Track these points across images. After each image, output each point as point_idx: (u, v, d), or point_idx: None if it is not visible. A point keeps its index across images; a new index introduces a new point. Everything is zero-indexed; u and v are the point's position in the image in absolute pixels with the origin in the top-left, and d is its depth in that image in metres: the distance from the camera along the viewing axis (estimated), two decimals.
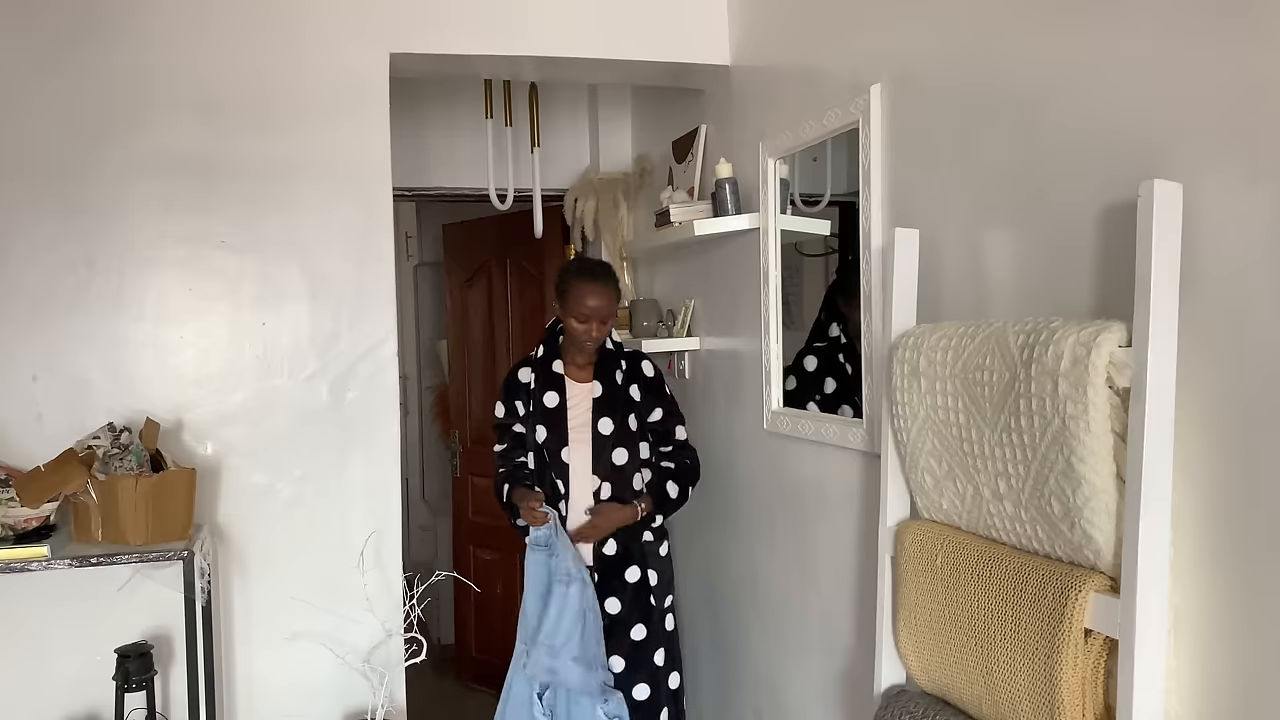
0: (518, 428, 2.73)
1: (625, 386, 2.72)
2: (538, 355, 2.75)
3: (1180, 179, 1.27)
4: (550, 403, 2.68)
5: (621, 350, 2.77)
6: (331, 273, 2.64)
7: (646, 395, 2.74)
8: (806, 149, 2.41)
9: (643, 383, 2.75)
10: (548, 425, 2.67)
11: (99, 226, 2.50)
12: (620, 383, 2.71)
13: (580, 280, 2.63)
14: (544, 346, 2.76)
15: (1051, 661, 1.37)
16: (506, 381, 2.77)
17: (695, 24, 2.81)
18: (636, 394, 2.73)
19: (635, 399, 2.72)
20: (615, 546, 2.66)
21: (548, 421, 2.67)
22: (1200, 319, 1.27)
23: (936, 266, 1.85)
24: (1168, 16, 1.33)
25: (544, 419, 2.67)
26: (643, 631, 2.67)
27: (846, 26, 2.20)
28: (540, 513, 2.55)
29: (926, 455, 1.71)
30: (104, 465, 2.27)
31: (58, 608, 2.46)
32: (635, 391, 2.73)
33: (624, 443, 2.68)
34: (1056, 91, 1.55)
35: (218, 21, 2.54)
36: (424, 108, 3.67)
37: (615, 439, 2.67)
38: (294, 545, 2.63)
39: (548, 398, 2.68)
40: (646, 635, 2.67)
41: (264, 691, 2.64)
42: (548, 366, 2.72)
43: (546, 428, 2.67)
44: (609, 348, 2.74)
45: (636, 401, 2.72)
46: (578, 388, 2.71)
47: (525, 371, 2.74)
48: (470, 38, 2.68)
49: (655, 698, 2.67)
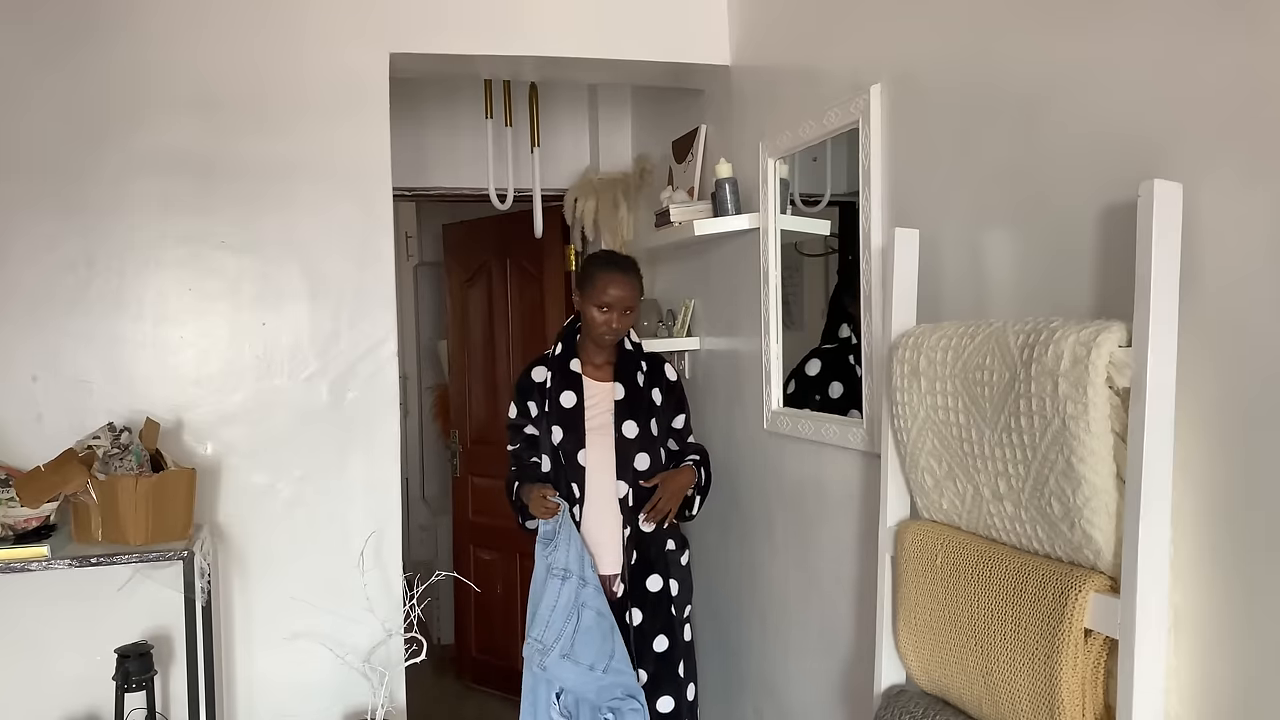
0: (530, 429, 2.63)
1: (647, 389, 2.63)
2: (555, 353, 2.66)
3: (1180, 179, 1.27)
4: (567, 403, 2.58)
5: (641, 351, 2.69)
6: (331, 273, 2.64)
7: (669, 399, 2.66)
8: (806, 149, 2.41)
9: (665, 386, 2.66)
10: (564, 426, 2.57)
11: (98, 226, 2.50)
12: (642, 385, 2.63)
13: (604, 269, 2.57)
14: (562, 344, 2.66)
15: (1051, 661, 1.37)
16: (520, 381, 2.67)
17: (695, 24, 2.81)
18: (658, 398, 2.64)
19: (657, 403, 2.63)
20: (637, 555, 2.58)
21: (564, 422, 2.57)
22: (1200, 319, 1.27)
23: (936, 266, 1.85)
24: (1168, 17, 1.33)
25: (560, 419, 2.57)
26: (665, 642, 2.59)
27: (846, 26, 2.20)
28: (552, 502, 2.47)
29: (926, 455, 1.71)
30: (104, 465, 2.27)
31: (58, 608, 2.46)
32: (657, 395, 2.64)
33: (647, 447, 2.58)
34: (1056, 91, 1.55)
35: (217, 20, 2.54)
36: (424, 108, 3.67)
37: (640, 443, 2.58)
38: (294, 545, 2.63)
39: (564, 397, 2.58)
40: (669, 646, 2.60)
41: (264, 691, 2.64)
42: (565, 365, 2.63)
43: (563, 429, 2.57)
44: (628, 348, 2.66)
45: (658, 405, 2.63)
46: (597, 387, 2.62)
47: (540, 370, 2.64)
48: (470, 38, 2.68)
49: (677, 711, 2.61)
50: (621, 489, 2.57)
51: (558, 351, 2.66)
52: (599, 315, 2.55)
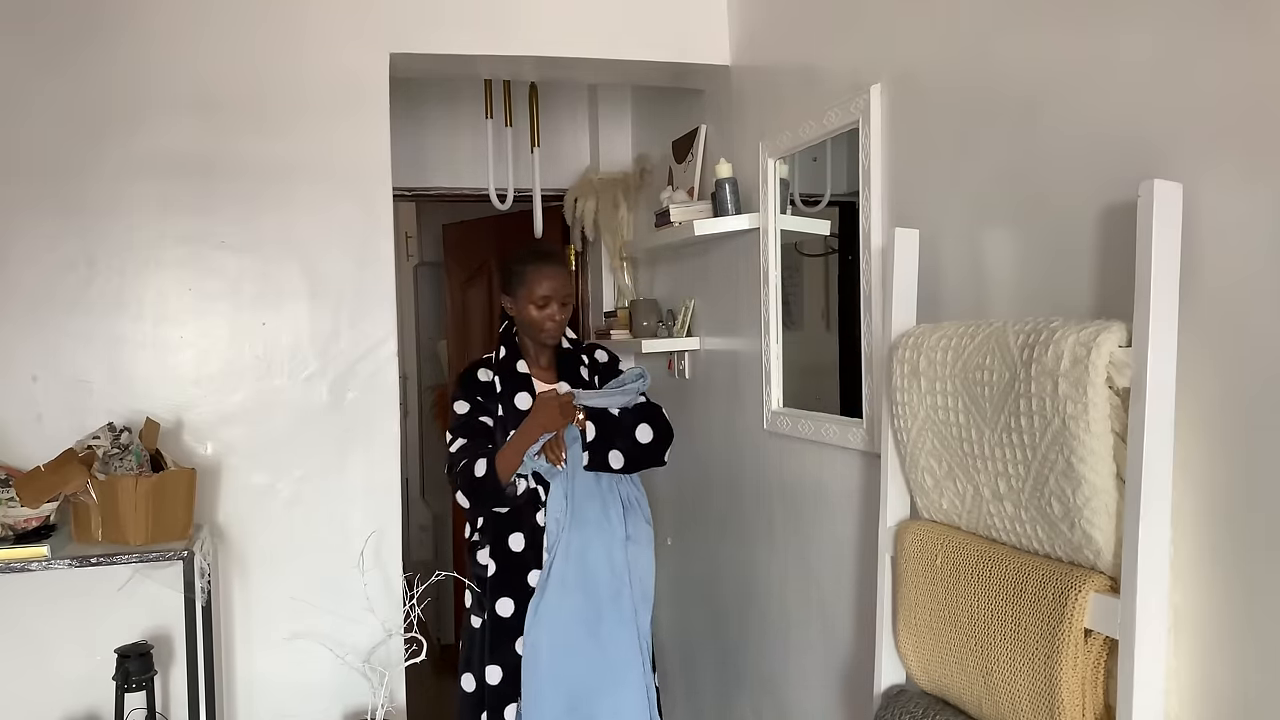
0: (485, 419, 2.44)
1: (592, 380, 2.57)
2: (498, 357, 2.52)
3: (1180, 179, 1.27)
4: (523, 404, 2.43)
5: (579, 344, 2.62)
6: (331, 273, 2.64)
7: (611, 380, 2.55)
8: (806, 149, 2.41)
9: (604, 370, 2.59)
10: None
11: (98, 226, 2.49)
12: (587, 378, 2.57)
13: (533, 263, 2.48)
14: (504, 348, 2.53)
15: (1051, 661, 1.37)
16: (466, 380, 2.49)
17: (695, 24, 2.81)
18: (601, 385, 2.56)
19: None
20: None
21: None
22: (1200, 319, 1.27)
23: (936, 266, 1.85)
24: (1167, 17, 1.33)
25: (518, 422, 2.40)
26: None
27: (846, 26, 2.20)
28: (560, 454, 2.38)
29: (926, 455, 1.71)
30: (104, 465, 2.27)
31: (57, 607, 2.46)
32: (599, 383, 2.57)
33: None
34: (1056, 91, 1.55)
35: (217, 20, 2.54)
36: (424, 108, 3.67)
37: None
38: (294, 545, 2.63)
39: (519, 399, 2.44)
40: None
41: (264, 691, 2.64)
42: (511, 368, 2.50)
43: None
44: (565, 345, 2.56)
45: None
46: (546, 389, 2.49)
47: (484, 372, 2.50)
48: (470, 38, 2.68)
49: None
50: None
51: (502, 355, 2.52)
52: (538, 312, 2.44)
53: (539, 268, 2.46)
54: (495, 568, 2.43)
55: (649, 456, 2.47)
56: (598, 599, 2.42)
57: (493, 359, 2.53)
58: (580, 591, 2.40)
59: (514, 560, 2.41)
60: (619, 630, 2.43)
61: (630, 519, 2.49)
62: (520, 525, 2.41)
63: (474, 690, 2.47)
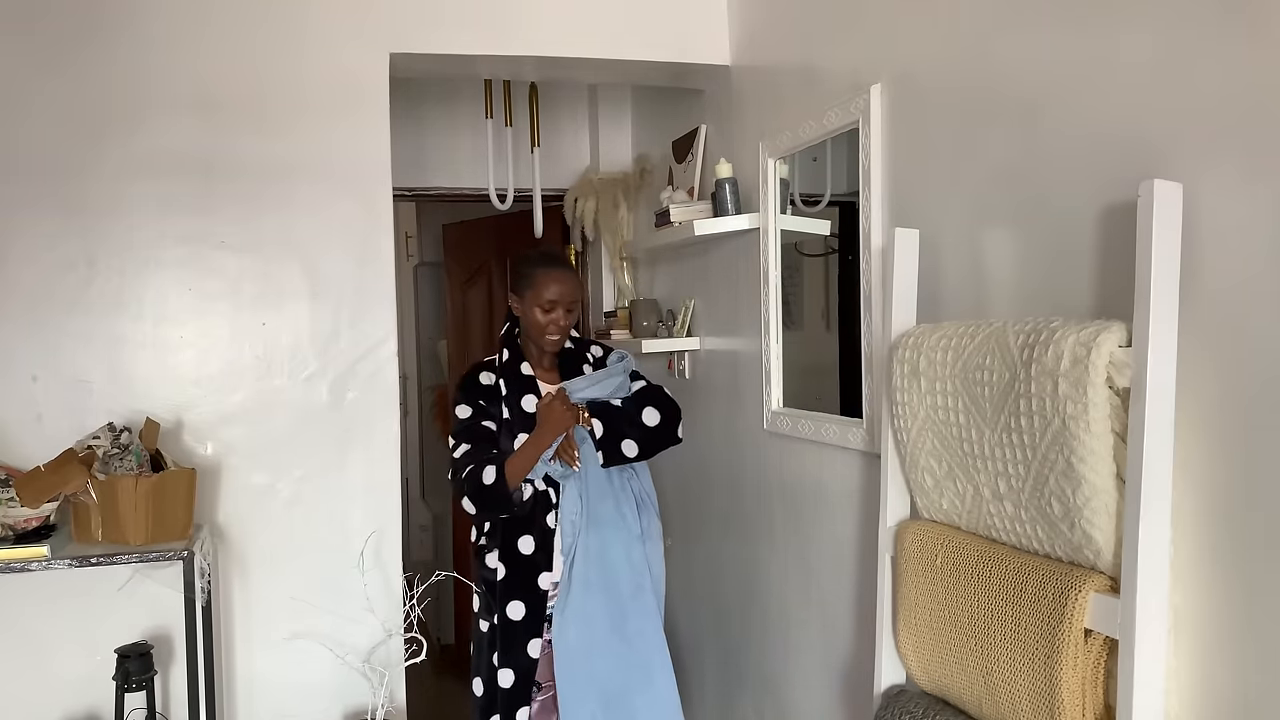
0: (489, 423, 2.39)
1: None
2: (502, 360, 2.48)
3: (1180, 179, 1.27)
4: (529, 406, 2.40)
5: (582, 343, 2.60)
6: (331, 273, 2.64)
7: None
8: (806, 149, 2.41)
9: (600, 366, 2.55)
10: (530, 431, 2.37)
11: (98, 226, 2.49)
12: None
13: (543, 266, 2.46)
14: (507, 350, 2.49)
15: (1051, 661, 1.37)
16: (467, 384, 2.45)
17: (695, 24, 2.81)
18: None
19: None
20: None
21: (530, 428, 2.37)
22: (1200, 319, 1.28)
23: (936, 266, 1.85)
24: (1167, 17, 1.33)
25: (525, 425, 2.37)
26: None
27: (846, 26, 2.20)
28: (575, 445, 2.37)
29: (926, 455, 1.71)
30: (104, 465, 2.27)
31: (57, 607, 2.46)
32: None
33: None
34: (1056, 91, 1.55)
35: (218, 20, 2.54)
36: (424, 108, 3.67)
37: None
38: (294, 545, 2.63)
39: (525, 402, 2.40)
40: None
41: (264, 691, 2.64)
42: (515, 370, 2.46)
43: (530, 434, 2.37)
44: (568, 346, 2.53)
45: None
46: (550, 390, 2.45)
47: (487, 375, 2.46)
48: (470, 38, 2.68)
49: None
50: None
51: (505, 358, 2.49)
52: (543, 316, 2.42)
53: (549, 271, 2.45)
54: (505, 571, 2.40)
55: (662, 437, 2.45)
56: (620, 597, 2.41)
57: (495, 362, 2.51)
58: (602, 591, 2.39)
59: (524, 563, 2.39)
60: (644, 625, 2.43)
61: (644, 515, 2.49)
62: (530, 528, 2.39)
63: (484, 694, 2.47)
